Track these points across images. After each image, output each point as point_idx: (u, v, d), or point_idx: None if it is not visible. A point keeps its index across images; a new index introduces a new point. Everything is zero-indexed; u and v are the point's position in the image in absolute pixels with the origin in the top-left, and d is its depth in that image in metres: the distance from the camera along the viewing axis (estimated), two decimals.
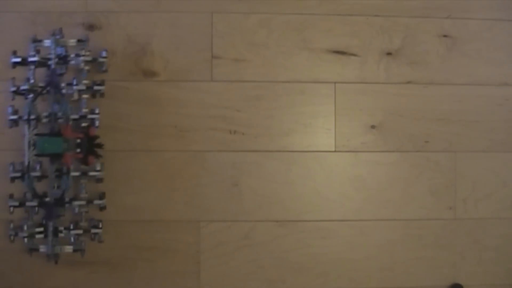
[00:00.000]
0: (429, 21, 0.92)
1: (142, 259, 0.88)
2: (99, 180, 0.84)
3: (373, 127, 0.91)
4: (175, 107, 0.89)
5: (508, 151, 0.92)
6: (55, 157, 0.81)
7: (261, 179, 0.89)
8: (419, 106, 0.91)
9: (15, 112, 0.81)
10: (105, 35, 0.89)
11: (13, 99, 0.82)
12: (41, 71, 0.83)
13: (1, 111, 0.85)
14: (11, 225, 0.83)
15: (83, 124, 0.83)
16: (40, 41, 0.83)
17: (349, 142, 0.91)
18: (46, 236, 0.82)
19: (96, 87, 0.83)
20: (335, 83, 0.91)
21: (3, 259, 0.87)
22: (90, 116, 0.82)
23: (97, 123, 0.82)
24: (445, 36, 0.92)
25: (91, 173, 0.83)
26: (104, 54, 0.84)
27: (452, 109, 0.92)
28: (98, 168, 0.83)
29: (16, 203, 0.82)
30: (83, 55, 0.82)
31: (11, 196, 0.83)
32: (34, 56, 0.81)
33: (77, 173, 0.82)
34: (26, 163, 0.80)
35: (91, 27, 0.89)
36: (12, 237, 0.82)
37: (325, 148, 0.90)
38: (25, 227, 0.81)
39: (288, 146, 0.90)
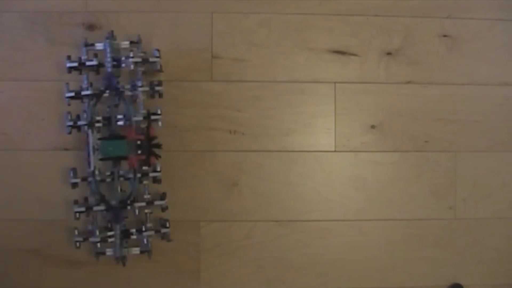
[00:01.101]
0: (429, 21, 0.92)
1: (142, 259, 0.88)
2: (158, 180, 0.83)
3: (373, 127, 0.91)
4: (175, 107, 0.89)
5: (508, 151, 0.92)
6: (119, 160, 0.81)
7: (261, 179, 0.89)
8: (419, 106, 0.91)
9: (72, 116, 0.82)
10: (105, 35, 0.89)
11: (69, 104, 0.82)
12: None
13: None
14: (76, 232, 0.83)
15: (143, 126, 0.82)
16: (92, 44, 0.82)
17: (349, 142, 0.91)
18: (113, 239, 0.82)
19: (155, 88, 0.82)
20: (335, 83, 0.91)
21: (3, 259, 0.87)
22: (153, 117, 0.82)
23: (159, 123, 0.82)
24: (445, 36, 0.92)
25: (152, 174, 0.83)
26: (156, 54, 0.83)
27: (452, 109, 0.92)
28: (158, 169, 0.83)
29: (82, 209, 0.81)
30: (137, 57, 0.81)
31: (75, 202, 0.83)
32: (90, 60, 0.81)
33: (139, 175, 0.82)
34: (92, 168, 0.79)
35: (91, 27, 0.89)
36: (78, 244, 0.82)
37: (325, 148, 0.90)
38: (97, 232, 0.82)
39: (288, 146, 0.90)
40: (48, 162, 0.87)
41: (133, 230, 0.83)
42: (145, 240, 0.84)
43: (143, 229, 0.83)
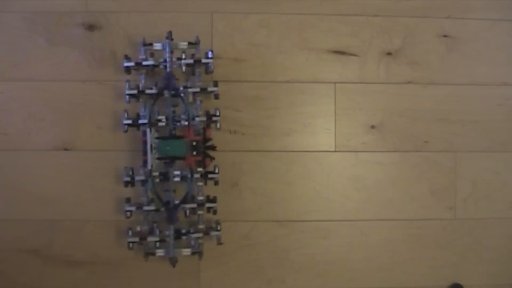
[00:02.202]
0: (429, 21, 0.92)
1: (142, 259, 0.88)
2: (216, 182, 0.83)
3: (373, 127, 0.91)
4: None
5: (508, 151, 0.92)
6: (175, 160, 0.81)
7: (261, 179, 0.89)
8: (419, 106, 0.91)
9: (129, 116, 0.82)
10: (105, 35, 0.89)
11: (128, 102, 0.82)
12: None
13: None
14: (130, 232, 0.83)
15: (200, 127, 0.82)
16: (151, 44, 0.83)
17: (349, 142, 0.91)
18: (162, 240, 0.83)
19: (211, 89, 0.82)
20: (335, 83, 0.91)
21: (3, 259, 0.87)
22: (213, 119, 0.82)
23: (218, 125, 0.82)
24: (445, 36, 0.92)
25: (211, 175, 0.83)
26: (210, 55, 0.83)
27: (452, 109, 0.92)
28: (216, 171, 0.83)
29: (133, 208, 0.82)
30: (195, 58, 0.82)
31: (127, 201, 0.83)
32: (147, 59, 0.81)
33: (197, 175, 0.82)
34: (149, 167, 0.79)
35: (91, 27, 0.89)
36: (131, 245, 0.82)
37: (325, 148, 0.90)
38: (156, 232, 0.82)
39: (288, 146, 0.90)
40: (48, 162, 0.87)
41: (183, 231, 0.83)
42: (192, 242, 0.83)
43: (193, 230, 0.83)
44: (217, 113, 0.82)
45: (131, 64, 0.82)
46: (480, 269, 0.92)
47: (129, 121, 0.82)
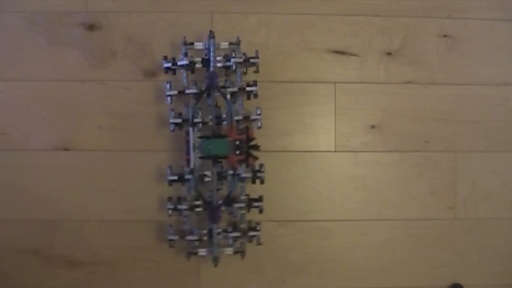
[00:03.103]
0: (429, 21, 0.92)
1: (142, 259, 0.88)
2: (261, 181, 0.83)
3: (373, 127, 0.91)
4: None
5: (508, 151, 0.92)
6: (218, 159, 0.81)
7: None
8: (419, 106, 0.91)
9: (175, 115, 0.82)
10: (105, 35, 0.89)
11: (170, 103, 0.82)
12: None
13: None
14: (171, 230, 0.83)
15: (242, 126, 0.82)
16: (191, 44, 0.83)
17: (349, 142, 0.91)
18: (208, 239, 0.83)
19: (249, 88, 0.82)
20: (335, 83, 0.91)
21: (3, 259, 0.87)
22: (253, 117, 0.82)
23: (259, 124, 0.82)
24: (445, 36, 0.92)
25: (257, 174, 0.83)
26: (256, 54, 0.83)
27: (452, 109, 0.92)
28: (262, 170, 0.83)
29: (173, 206, 0.82)
30: (237, 57, 0.82)
31: (169, 199, 0.83)
32: (183, 59, 0.82)
33: (247, 174, 0.82)
34: (192, 166, 0.79)
35: (91, 27, 0.89)
36: (172, 243, 0.83)
37: (325, 148, 0.90)
38: (195, 232, 0.82)
39: (288, 146, 0.90)
40: (48, 162, 0.87)
41: (219, 230, 0.83)
42: (230, 240, 0.84)
43: (231, 229, 0.83)
44: (258, 112, 0.82)
45: (169, 64, 0.82)
46: (480, 269, 0.92)
47: (177, 120, 0.81)
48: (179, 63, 0.82)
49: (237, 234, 0.83)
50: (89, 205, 0.88)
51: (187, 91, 0.82)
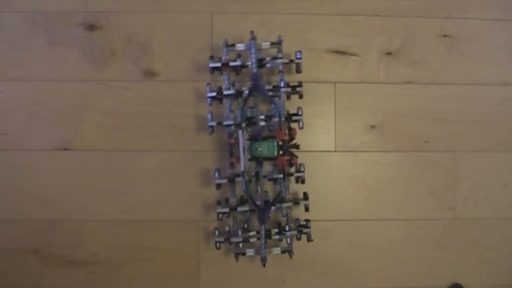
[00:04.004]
0: (429, 21, 0.92)
1: (142, 259, 0.88)
2: (302, 181, 0.84)
3: (373, 127, 0.91)
4: (175, 107, 0.89)
5: (508, 151, 0.92)
6: (266, 160, 0.81)
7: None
8: (419, 106, 0.91)
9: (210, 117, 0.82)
10: (105, 35, 0.89)
11: (210, 105, 0.82)
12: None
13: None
14: (216, 232, 0.83)
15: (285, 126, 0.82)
16: (233, 45, 0.83)
17: (349, 142, 0.91)
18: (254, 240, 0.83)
19: (297, 89, 0.83)
20: (335, 83, 0.91)
21: (3, 259, 0.87)
22: (295, 118, 0.82)
23: (301, 124, 0.82)
24: (445, 36, 0.92)
25: (297, 174, 0.83)
26: (298, 55, 0.83)
27: (452, 109, 0.92)
28: (302, 169, 0.83)
29: (225, 210, 0.82)
30: (280, 58, 0.82)
31: (218, 202, 0.83)
32: (234, 60, 0.82)
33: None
34: (243, 168, 0.78)
35: (91, 27, 0.89)
36: (218, 244, 0.83)
37: (325, 148, 0.90)
38: (240, 232, 0.82)
39: None
40: (48, 162, 0.88)
41: (273, 230, 0.84)
42: (288, 240, 0.84)
43: (286, 228, 0.83)
44: (300, 112, 0.83)
45: (217, 64, 0.82)
46: (480, 269, 0.92)
47: (214, 123, 0.81)
48: (228, 64, 0.82)
49: (288, 233, 0.83)
50: (89, 205, 0.88)
51: (225, 93, 0.81)
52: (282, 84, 0.82)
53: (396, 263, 0.91)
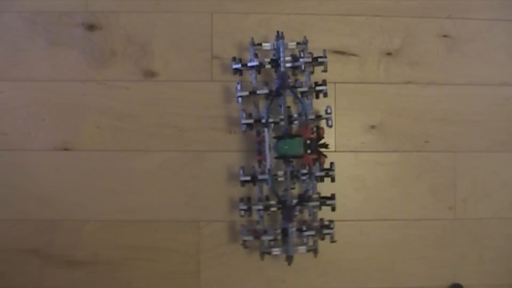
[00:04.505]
0: (429, 21, 0.92)
1: (142, 259, 0.88)
2: (332, 179, 0.83)
3: (373, 127, 0.91)
4: (175, 107, 0.89)
5: (508, 151, 0.92)
6: (293, 158, 0.81)
7: None
8: (419, 106, 0.91)
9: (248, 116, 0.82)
10: (105, 35, 0.89)
11: (242, 103, 0.82)
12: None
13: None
14: (244, 231, 0.82)
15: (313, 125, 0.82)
16: (260, 44, 0.83)
17: (349, 142, 0.91)
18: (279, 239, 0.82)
19: (320, 88, 0.82)
20: (335, 83, 0.91)
21: (3, 259, 0.87)
22: (325, 116, 0.82)
23: (330, 122, 0.82)
24: (445, 36, 0.92)
25: (323, 173, 0.83)
26: (325, 54, 0.83)
27: (452, 109, 0.92)
28: (333, 168, 0.83)
29: (245, 207, 0.82)
30: (306, 57, 0.82)
31: (241, 200, 0.83)
32: (253, 61, 0.82)
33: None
34: (269, 166, 0.78)
35: (91, 27, 0.89)
36: (246, 243, 0.82)
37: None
38: (269, 231, 0.82)
39: None
40: (48, 162, 0.88)
41: (294, 229, 0.83)
42: (305, 239, 0.84)
43: (305, 228, 0.83)
44: (329, 111, 0.82)
45: (239, 66, 0.82)
46: (480, 269, 0.92)
47: (249, 121, 0.81)
48: (249, 64, 0.82)
49: (311, 232, 0.82)
50: (89, 205, 0.88)
51: (258, 92, 0.82)
52: (308, 83, 0.82)
53: (396, 263, 0.91)
